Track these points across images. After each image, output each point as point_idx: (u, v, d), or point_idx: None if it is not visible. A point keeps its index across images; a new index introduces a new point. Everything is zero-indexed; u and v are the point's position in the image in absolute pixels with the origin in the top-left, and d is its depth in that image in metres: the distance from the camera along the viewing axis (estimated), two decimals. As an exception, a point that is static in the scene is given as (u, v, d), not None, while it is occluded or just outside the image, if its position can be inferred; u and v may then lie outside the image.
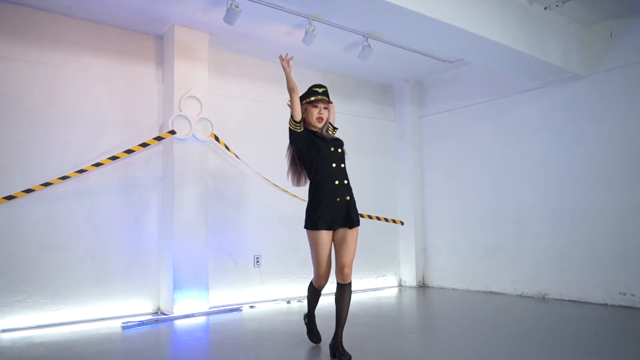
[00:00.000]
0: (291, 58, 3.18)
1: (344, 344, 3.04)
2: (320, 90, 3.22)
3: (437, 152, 6.67)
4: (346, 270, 3.02)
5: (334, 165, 3.11)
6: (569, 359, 3.06)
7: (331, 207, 3.05)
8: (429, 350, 3.49)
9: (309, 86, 3.29)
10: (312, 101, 3.18)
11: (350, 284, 3.04)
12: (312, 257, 3.17)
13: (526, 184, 5.65)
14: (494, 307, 5.03)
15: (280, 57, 3.16)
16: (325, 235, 3.07)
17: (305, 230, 3.16)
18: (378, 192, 6.67)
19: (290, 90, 3.10)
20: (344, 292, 3.03)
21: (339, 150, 3.19)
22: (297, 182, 3.31)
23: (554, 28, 4.89)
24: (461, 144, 6.37)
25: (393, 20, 3.98)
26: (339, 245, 3.09)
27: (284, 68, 3.14)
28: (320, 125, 3.20)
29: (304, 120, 3.17)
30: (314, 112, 3.18)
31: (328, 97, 3.25)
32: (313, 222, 3.07)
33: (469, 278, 6.18)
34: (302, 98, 3.21)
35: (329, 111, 3.23)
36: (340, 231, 3.09)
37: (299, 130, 3.09)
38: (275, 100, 5.83)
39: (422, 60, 6.03)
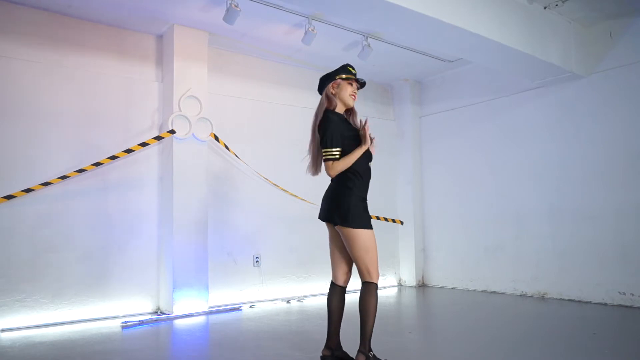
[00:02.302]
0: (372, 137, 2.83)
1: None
2: (354, 72, 2.96)
3: (437, 151, 6.67)
4: None
5: (370, 163, 2.91)
6: (569, 358, 3.06)
7: (366, 208, 2.85)
8: (428, 350, 3.49)
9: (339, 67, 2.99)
10: (348, 78, 2.91)
11: None
12: (370, 257, 2.75)
13: (526, 183, 5.65)
14: (494, 307, 5.03)
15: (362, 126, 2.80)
16: None
17: (350, 229, 2.73)
18: (377, 191, 6.65)
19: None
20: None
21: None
22: (316, 171, 2.98)
23: (553, 28, 4.89)
24: (461, 144, 6.37)
25: (393, 19, 3.98)
26: None
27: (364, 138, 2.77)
28: (352, 103, 2.93)
29: (334, 95, 2.89)
30: (349, 89, 2.91)
31: (359, 83, 3.00)
32: (368, 220, 2.78)
33: (468, 277, 6.19)
34: (334, 74, 2.94)
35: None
36: None
37: (336, 156, 2.76)
38: (275, 99, 5.83)
39: (422, 60, 6.03)
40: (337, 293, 2.98)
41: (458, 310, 4.99)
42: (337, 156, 2.75)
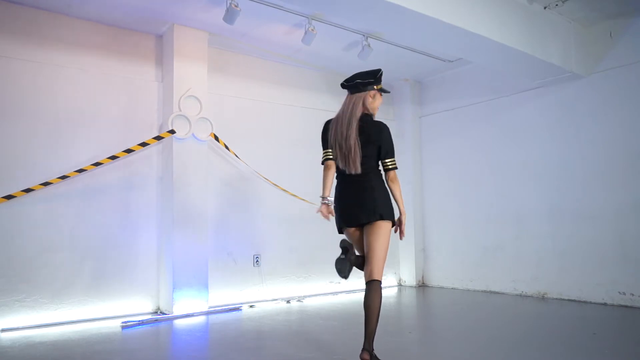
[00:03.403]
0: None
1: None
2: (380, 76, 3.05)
3: (436, 151, 6.67)
4: None
5: None
6: (569, 358, 3.06)
7: None
8: (428, 350, 3.49)
9: (374, 70, 3.04)
10: (383, 91, 3.05)
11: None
12: (386, 254, 2.88)
13: (526, 183, 5.65)
14: (494, 307, 5.03)
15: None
16: None
17: (388, 222, 2.90)
18: (378, 191, 6.66)
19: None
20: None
21: None
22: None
23: (553, 28, 4.89)
24: (461, 144, 6.37)
25: (393, 19, 3.98)
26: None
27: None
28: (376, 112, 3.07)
29: (368, 106, 2.96)
30: (380, 100, 3.04)
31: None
32: None
33: (468, 277, 6.18)
34: (375, 81, 2.97)
35: None
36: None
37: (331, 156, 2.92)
38: (275, 99, 5.83)
39: (422, 60, 6.03)
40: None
41: (458, 310, 4.98)
42: None
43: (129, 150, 4.63)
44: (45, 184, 4.26)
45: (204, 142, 4.98)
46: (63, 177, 4.34)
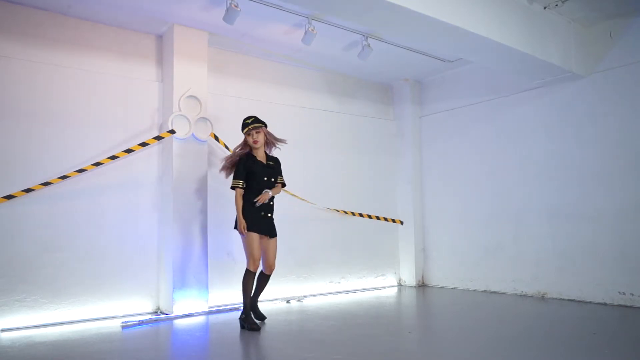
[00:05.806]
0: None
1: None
2: (249, 121, 4.21)
3: (436, 151, 6.67)
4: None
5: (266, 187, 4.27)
6: (569, 358, 3.06)
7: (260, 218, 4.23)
8: (428, 350, 3.49)
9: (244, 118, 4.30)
10: (245, 132, 4.22)
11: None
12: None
13: (526, 183, 5.65)
14: (494, 307, 5.03)
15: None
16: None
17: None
18: (378, 191, 6.67)
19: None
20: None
21: (272, 179, 4.30)
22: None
23: (553, 28, 4.89)
24: (461, 144, 6.37)
25: (393, 20, 3.98)
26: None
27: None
28: (256, 146, 4.22)
29: (245, 143, 4.27)
30: (249, 139, 4.21)
31: (259, 122, 4.21)
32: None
33: (468, 277, 6.19)
34: (243, 128, 4.24)
35: (261, 134, 4.21)
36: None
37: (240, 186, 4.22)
38: (275, 99, 5.83)
39: (422, 60, 6.03)
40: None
41: (458, 310, 4.99)
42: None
43: (129, 150, 4.63)
44: (45, 184, 4.27)
45: (204, 142, 4.99)
46: (63, 177, 4.34)
